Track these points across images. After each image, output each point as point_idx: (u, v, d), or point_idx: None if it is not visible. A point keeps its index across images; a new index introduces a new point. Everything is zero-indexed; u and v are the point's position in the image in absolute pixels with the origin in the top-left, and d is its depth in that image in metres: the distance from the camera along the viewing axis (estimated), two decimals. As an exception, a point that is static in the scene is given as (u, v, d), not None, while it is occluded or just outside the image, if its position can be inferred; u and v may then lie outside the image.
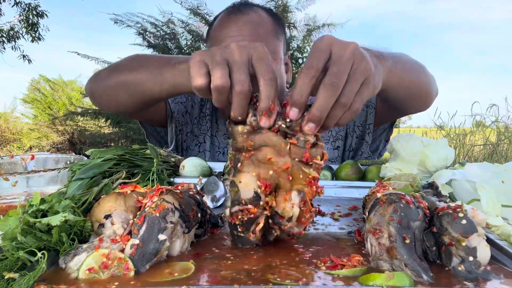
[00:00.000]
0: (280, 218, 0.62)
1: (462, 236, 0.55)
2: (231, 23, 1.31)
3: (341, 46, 0.64)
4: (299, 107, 0.61)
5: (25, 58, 7.95)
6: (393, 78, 0.92)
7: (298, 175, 0.61)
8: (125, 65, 1.11)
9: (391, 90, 0.97)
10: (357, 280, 0.51)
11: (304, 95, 0.61)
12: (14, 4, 7.31)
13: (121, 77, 1.07)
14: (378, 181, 0.79)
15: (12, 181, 0.79)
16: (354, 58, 0.64)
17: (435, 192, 0.75)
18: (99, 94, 1.21)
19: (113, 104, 1.24)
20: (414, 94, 1.14)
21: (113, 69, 1.13)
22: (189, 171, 1.08)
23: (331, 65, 0.63)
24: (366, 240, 0.61)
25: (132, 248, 0.55)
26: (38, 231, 0.57)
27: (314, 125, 0.61)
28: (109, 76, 1.13)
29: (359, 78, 0.64)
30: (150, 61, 1.02)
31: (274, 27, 1.36)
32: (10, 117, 11.22)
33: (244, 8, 1.34)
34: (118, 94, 1.11)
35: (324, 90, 0.61)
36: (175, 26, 6.02)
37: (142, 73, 1.01)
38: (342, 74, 0.62)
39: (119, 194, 0.65)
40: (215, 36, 1.33)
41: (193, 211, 0.64)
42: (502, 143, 4.40)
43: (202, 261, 0.58)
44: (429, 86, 1.21)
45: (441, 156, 0.99)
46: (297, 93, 0.61)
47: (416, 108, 1.28)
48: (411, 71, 1.09)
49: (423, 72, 1.18)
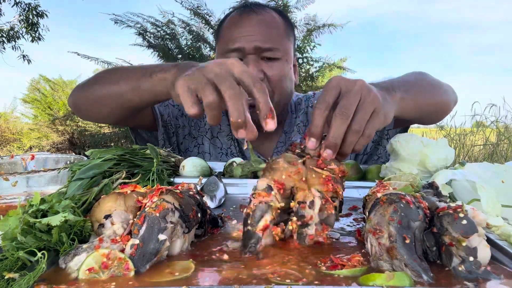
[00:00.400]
0: (302, 207, 0.64)
1: (463, 236, 0.55)
2: (244, 22, 1.30)
3: (349, 83, 0.74)
4: (316, 137, 0.70)
5: (25, 58, 7.95)
6: (407, 105, 0.99)
7: (311, 176, 0.67)
8: (104, 78, 1.13)
9: (407, 115, 1.05)
10: (357, 280, 0.51)
11: (319, 126, 0.70)
12: (14, 4, 7.31)
13: (101, 90, 1.10)
14: (378, 181, 0.79)
15: (12, 181, 0.79)
16: (362, 92, 0.72)
17: (435, 192, 0.75)
18: (81, 107, 1.23)
19: (95, 116, 1.27)
20: (431, 113, 1.20)
21: (93, 83, 1.16)
22: (189, 171, 1.08)
23: (340, 99, 0.72)
24: (366, 240, 0.61)
25: (132, 248, 0.54)
26: (38, 231, 0.57)
27: (331, 151, 0.69)
28: (89, 90, 1.15)
29: (368, 108, 0.72)
30: (129, 73, 1.05)
31: (286, 28, 1.36)
32: (10, 117, 11.21)
33: (256, 8, 1.34)
34: (99, 106, 1.14)
35: (336, 119, 0.69)
36: (175, 26, 6.01)
37: (121, 85, 1.05)
38: (351, 105, 0.70)
39: (119, 194, 0.65)
40: (227, 36, 1.32)
41: (193, 211, 0.64)
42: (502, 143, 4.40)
43: (202, 261, 0.58)
44: (445, 103, 1.25)
45: (441, 156, 0.99)
46: (313, 125, 0.70)
47: (432, 122, 1.35)
48: (425, 93, 1.14)
49: (438, 90, 1.22)
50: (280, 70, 1.31)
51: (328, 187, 0.66)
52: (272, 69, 1.29)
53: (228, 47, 1.30)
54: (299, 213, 0.64)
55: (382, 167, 1.06)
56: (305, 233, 0.64)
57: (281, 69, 1.31)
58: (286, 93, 1.38)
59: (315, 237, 0.64)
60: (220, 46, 1.35)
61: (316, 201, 0.64)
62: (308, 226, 0.64)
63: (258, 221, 0.63)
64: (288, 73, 1.36)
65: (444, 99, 1.24)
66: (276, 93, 1.32)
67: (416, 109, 1.08)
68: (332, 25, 6.05)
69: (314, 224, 0.64)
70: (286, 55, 1.33)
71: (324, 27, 6.07)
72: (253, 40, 1.26)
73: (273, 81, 1.30)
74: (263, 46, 1.27)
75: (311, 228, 0.64)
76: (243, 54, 1.28)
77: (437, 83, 1.24)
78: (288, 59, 1.35)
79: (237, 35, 1.28)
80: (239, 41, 1.27)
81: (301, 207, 0.64)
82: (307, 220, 0.64)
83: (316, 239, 0.64)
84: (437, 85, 1.23)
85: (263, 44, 1.27)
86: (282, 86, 1.33)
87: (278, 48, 1.30)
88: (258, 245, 0.62)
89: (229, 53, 1.29)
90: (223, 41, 1.33)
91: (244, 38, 1.27)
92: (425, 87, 1.17)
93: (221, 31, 1.38)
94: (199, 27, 5.96)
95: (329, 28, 6.08)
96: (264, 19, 1.31)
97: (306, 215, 0.64)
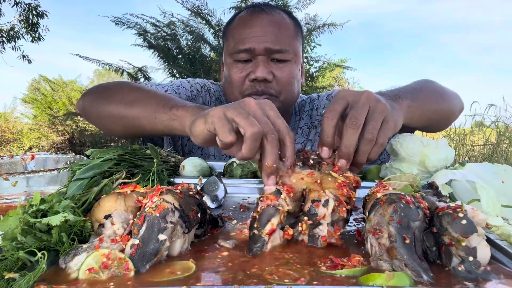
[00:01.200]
0: (316, 205, 0.65)
1: (462, 236, 0.55)
2: (253, 22, 1.29)
3: (356, 95, 0.76)
4: (328, 146, 0.73)
5: (25, 58, 7.94)
6: (414, 112, 1.03)
7: (327, 180, 0.68)
8: (119, 97, 1.10)
9: (415, 123, 1.07)
10: (357, 280, 0.51)
11: (330, 135, 0.72)
12: (14, 4, 7.30)
13: (116, 110, 1.07)
14: (378, 181, 0.78)
15: (12, 181, 0.79)
16: (370, 102, 0.74)
17: (435, 192, 0.75)
18: (92, 118, 1.21)
19: (106, 131, 1.25)
20: (437, 121, 1.20)
21: (107, 97, 1.12)
22: (189, 171, 1.08)
23: (349, 110, 0.74)
24: (366, 240, 0.61)
25: (132, 248, 0.55)
26: (38, 231, 0.57)
27: (345, 161, 0.71)
28: (102, 105, 1.13)
29: (378, 117, 0.74)
30: (147, 99, 1.03)
31: (295, 29, 1.35)
32: (10, 117, 11.21)
33: (267, 8, 1.32)
34: (112, 124, 1.12)
35: (346, 129, 0.71)
36: (176, 28, 6.01)
37: (138, 110, 1.02)
38: (360, 115, 0.72)
39: (119, 194, 0.65)
40: (236, 36, 1.31)
41: (193, 211, 0.64)
42: (502, 143, 4.39)
43: (202, 261, 0.58)
44: (451, 111, 1.26)
45: (441, 156, 0.99)
46: (324, 135, 0.73)
47: (438, 129, 1.35)
48: (431, 101, 1.16)
49: (445, 98, 1.23)
50: (289, 72, 1.30)
51: (343, 192, 0.67)
52: (281, 70, 1.28)
53: (237, 48, 1.28)
54: (311, 211, 0.65)
55: (382, 167, 1.06)
56: (317, 235, 0.64)
57: (290, 71, 1.30)
58: (293, 95, 1.37)
59: (327, 238, 0.64)
60: (229, 46, 1.34)
61: (330, 201, 0.65)
62: (320, 226, 0.64)
63: (265, 225, 0.63)
64: (297, 75, 1.35)
65: (451, 107, 1.24)
66: (283, 94, 1.31)
67: (423, 117, 1.09)
68: (332, 25, 6.05)
69: (326, 224, 0.64)
70: (296, 56, 1.32)
71: (324, 26, 6.07)
72: (263, 41, 1.25)
73: (282, 83, 1.29)
74: (273, 47, 1.26)
75: (323, 228, 0.64)
76: (252, 55, 1.27)
77: (443, 91, 1.24)
78: (297, 61, 1.34)
79: (247, 36, 1.27)
80: (249, 41, 1.26)
81: (315, 205, 0.65)
82: (319, 219, 0.64)
83: (329, 240, 0.64)
84: (444, 93, 1.24)
85: (274, 46, 1.26)
86: (290, 88, 1.32)
87: (288, 50, 1.29)
88: (263, 248, 0.62)
89: (238, 53, 1.28)
90: (232, 41, 1.32)
91: (254, 38, 1.26)
92: (432, 95, 1.18)
93: (229, 31, 1.36)
94: (198, 27, 5.96)
95: (329, 28, 6.08)
96: (274, 19, 1.30)
97: (319, 213, 0.64)
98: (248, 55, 1.27)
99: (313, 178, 0.69)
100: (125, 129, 1.10)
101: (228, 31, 1.37)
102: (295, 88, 1.36)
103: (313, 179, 0.69)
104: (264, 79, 1.25)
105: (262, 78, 1.25)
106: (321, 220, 0.64)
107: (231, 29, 1.35)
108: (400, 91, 1.04)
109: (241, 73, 1.29)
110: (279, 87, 1.29)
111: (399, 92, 1.01)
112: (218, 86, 1.56)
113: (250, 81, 1.28)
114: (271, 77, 1.26)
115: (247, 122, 0.67)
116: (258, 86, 1.27)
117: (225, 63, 1.39)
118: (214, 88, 1.54)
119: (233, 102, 0.74)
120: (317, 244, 0.64)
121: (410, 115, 1.00)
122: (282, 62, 1.29)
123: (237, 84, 1.31)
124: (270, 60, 1.28)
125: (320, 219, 0.64)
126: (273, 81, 1.28)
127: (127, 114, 1.04)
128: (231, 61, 1.32)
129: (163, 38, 6.00)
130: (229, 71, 1.34)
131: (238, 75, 1.30)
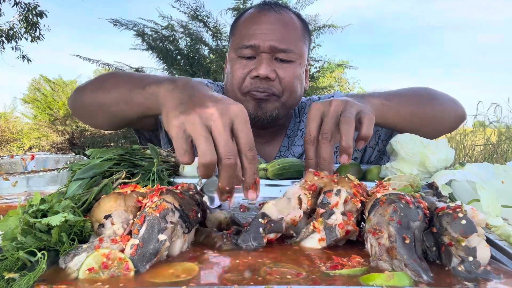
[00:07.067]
0: (328, 195, 0.67)
1: (462, 236, 0.55)
2: (261, 19, 1.28)
3: (325, 106, 0.88)
4: (314, 168, 0.85)
5: (25, 58, 7.94)
6: (389, 110, 1.10)
7: (344, 180, 0.71)
8: (100, 84, 1.09)
9: (390, 121, 1.12)
10: (357, 280, 0.51)
11: (312, 158, 0.87)
12: (14, 4, 7.30)
13: (96, 98, 1.07)
14: (378, 181, 0.79)
15: (12, 181, 0.79)
16: (337, 109, 0.87)
17: (435, 193, 0.75)
18: (76, 111, 1.22)
19: (91, 122, 1.25)
20: (422, 124, 1.20)
21: (89, 88, 1.13)
22: (189, 171, 1.08)
23: (322, 124, 0.88)
24: (366, 240, 0.61)
25: (132, 248, 0.55)
26: (38, 231, 0.57)
27: (327, 172, 0.77)
28: (84, 95, 1.13)
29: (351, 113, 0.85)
30: (123, 82, 1.01)
31: (303, 31, 1.34)
32: (10, 117, 11.20)
33: (276, 7, 1.32)
34: (94, 113, 1.12)
35: (320, 146, 0.86)
36: (175, 32, 6.01)
37: (114, 94, 1.01)
38: (330, 128, 0.86)
39: (119, 194, 0.65)
40: (243, 32, 1.30)
41: (193, 211, 0.64)
42: (502, 144, 4.39)
43: (202, 261, 0.58)
44: (439, 115, 1.24)
45: (441, 156, 0.99)
46: (307, 159, 0.87)
47: (431, 135, 1.24)
48: (411, 103, 1.18)
49: (431, 102, 1.23)
50: (292, 73, 1.28)
51: (357, 191, 0.68)
52: (285, 70, 1.27)
53: (242, 43, 1.27)
54: (323, 201, 0.66)
55: (382, 168, 1.06)
56: (333, 224, 0.63)
57: (293, 72, 1.28)
58: (295, 97, 1.34)
59: (344, 226, 0.64)
60: (235, 41, 1.33)
61: (342, 190, 0.67)
62: (333, 216, 0.64)
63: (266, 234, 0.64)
64: (300, 76, 1.33)
65: (439, 113, 1.23)
66: (285, 95, 1.29)
67: (398, 117, 1.13)
68: (333, 26, 6.05)
69: (340, 213, 0.65)
70: (300, 58, 1.30)
71: (325, 27, 6.07)
72: (269, 38, 1.24)
73: (285, 83, 1.27)
74: (278, 46, 1.24)
75: (337, 217, 0.64)
76: (256, 52, 1.26)
77: (434, 97, 1.24)
78: (301, 63, 1.32)
79: (253, 32, 1.26)
80: (255, 38, 1.24)
81: (327, 195, 0.67)
82: (332, 206, 0.65)
83: (346, 228, 0.64)
84: (434, 98, 1.23)
85: (279, 44, 1.24)
86: (292, 89, 1.30)
87: (293, 51, 1.27)
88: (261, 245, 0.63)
89: (243, 49, 1.27)
90: (238, 36, 1.31)
91: (260, 35, 1.24)
92: (416, 98, 1.20)
93: (236, 26, 1.35)
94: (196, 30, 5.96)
95: (330, 29, 6.08)
96: (283, 19, 1.29)
97: (331, 202, 0.65)
98: (252, 52, 1.26)
99: (331, 178, 0.72)
100: (108, 118, 1.09)
101: (236, 26, 1.36)
102: (298, 90, 1.33)
103: (331, 179, 0.72)
104: (266, 76, 1.24)
105: (265, 76, 1.24)
106: (333, 208, 0.65)
107: (239, 24, 1.34)
108: (376, 92, 1.10)
109: (243, 69, 1.28)
110: (281, 87, 1.27)
111: (374, 93, 1.07)
112: (217, 86, 1.56)
113: (252, 78, 1.26)
114: (274, 76, 1.25)
115: (200, 150, 0.63)
116: (260, 83, 1.26)
117: (229, 58, 1.38)
118: (213, 88, 1.53)
119: (195, 102, 0.68)
120: (336, 235, 0.63)
121: (384, 113, 1.07)
122: (286, 62, 1.27)
123: (238, 80, 1.29)
124: (274, 59, 1.26)
125: (332, 207, 0.65)
126: (276, 80, 1.26)
127: (106, 100, 1.03)
128: (235, 57, 1.31)
129: (161, 40, 5.99)
130: (232, 67, 1.33)
131: (241, 71, 1.28)
